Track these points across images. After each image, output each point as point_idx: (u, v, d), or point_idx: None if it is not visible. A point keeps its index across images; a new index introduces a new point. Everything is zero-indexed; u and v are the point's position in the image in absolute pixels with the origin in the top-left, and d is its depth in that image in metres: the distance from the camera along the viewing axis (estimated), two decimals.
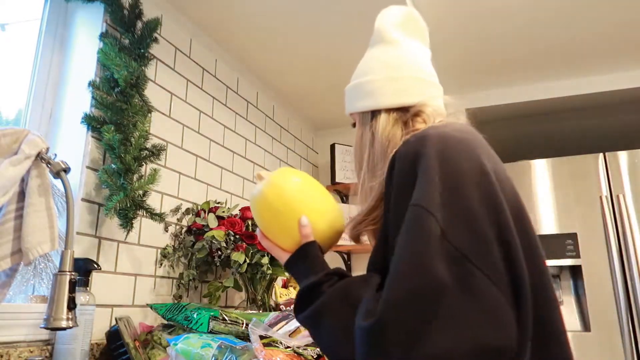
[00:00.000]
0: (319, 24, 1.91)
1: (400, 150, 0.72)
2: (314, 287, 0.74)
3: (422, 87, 0.89)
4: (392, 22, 0.95)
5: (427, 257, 0.60)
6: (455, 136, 0.72)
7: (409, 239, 0.63)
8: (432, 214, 0.62)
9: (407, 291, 0.59)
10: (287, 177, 0.85)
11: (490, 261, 0.62)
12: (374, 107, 0.89)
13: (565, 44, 2.29)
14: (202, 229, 1.66)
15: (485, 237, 0.63)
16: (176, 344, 1.19)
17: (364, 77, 0.93)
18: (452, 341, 0.57)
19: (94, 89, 1.39)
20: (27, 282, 1.14)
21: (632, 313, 2.19)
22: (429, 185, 0.65)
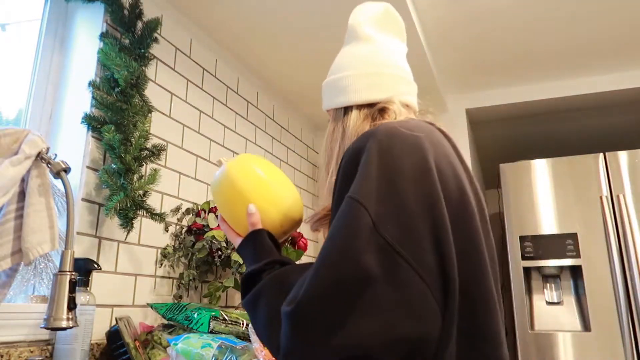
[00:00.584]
0: (320, 24, 1.91)
1: (349, 146, 0.74)
2: (255, 273, 0.76)
3: (393, 83, 0.89)
4: (365, 19, 0.96)
5: (354, 247, 0.61)
6: (403, 133, 0.72)
7: (338, 229, 0.64)
8: (363, 206, 0.63)
9: (331, 280, 0.60)
10: (242, 165, 0.85)
11: (419, 255, 0.62)
12: (346, 104, 0.89)
13: (565, 44, 2.29)
14: (203, 229, 1.66)
15: (416, 231, 0.64)
16: (176, 344, 1.19)
17: (337, 74, 0.93)
18: (369, 330, 0.58)
19: (94, 89, 1.39)
20: (27, 282, 1.13)
21: (632, 313, 2.18)
22: (366, 179, 0.66)
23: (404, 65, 0.93)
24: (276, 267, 0.76)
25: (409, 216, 0.64)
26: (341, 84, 0.92)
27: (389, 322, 0.58)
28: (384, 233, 0.62)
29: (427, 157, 0.70)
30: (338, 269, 0.61)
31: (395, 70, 0.90)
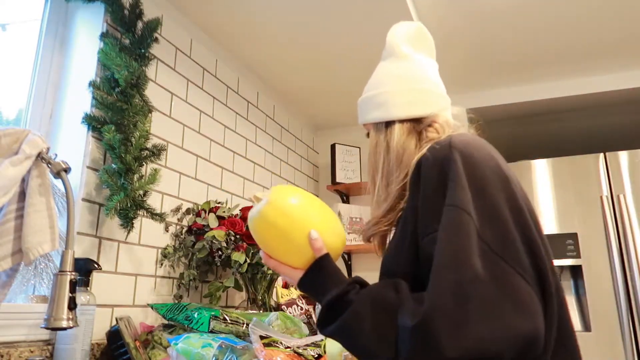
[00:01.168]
0: (320, 24, 1.91)
1: (427, 156, 0.78)
2: (340, 297, 0.75)
3: (432, 98, 0.94)
4: (402, 37, 1.00)
5: (467, 252, 0.66)
6: (476, 144, 0.78)
7: (450, 236, 0.68)
8: (468, 214, 0.68)
9: (452, 283, 0.64)
10: (286, 195, 0.84)
11: (518, 258, 0.67)
12: (387, 118, 0.93)
13: (566, 44, 2.29)
14: (203, 229, 1.66)
15: (511, 235, 0.69)
16: (177, 344, 1.19)
17: (376, 90, 0.97)
18: (490, 330, 0.62)
19: (95, 89, 1.39)
20: (27, 282, 1.13)
21: (633, 313, 2.18)
22: (461, 189, 0.71)
23: (438, 80, 0.99)
24: (357, 287, 0.76)
25: (503, 221, 0.70)
26: (380, 99, 0.96)
27: (506, 321, 0.62)
28: (484, 238, 0.67)
29: (501, 166, 0.77)
30: (456, 274, 0.65)
31: (432, 86, 0.96)
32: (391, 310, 0.69)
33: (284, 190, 0.85)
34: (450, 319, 0.63)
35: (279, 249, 0.83)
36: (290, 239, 0.81)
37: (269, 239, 0.83)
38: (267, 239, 0.84)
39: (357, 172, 2.88)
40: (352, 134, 3.05)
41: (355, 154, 2.91)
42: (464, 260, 0.65)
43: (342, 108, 2.78)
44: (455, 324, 0.62)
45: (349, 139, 3.02)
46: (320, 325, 0.77)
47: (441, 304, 0.64)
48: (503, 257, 0.66)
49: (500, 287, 0.64)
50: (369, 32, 1.96)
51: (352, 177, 2.85)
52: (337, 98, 2.64)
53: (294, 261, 0.83)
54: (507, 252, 0.67)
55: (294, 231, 0.81)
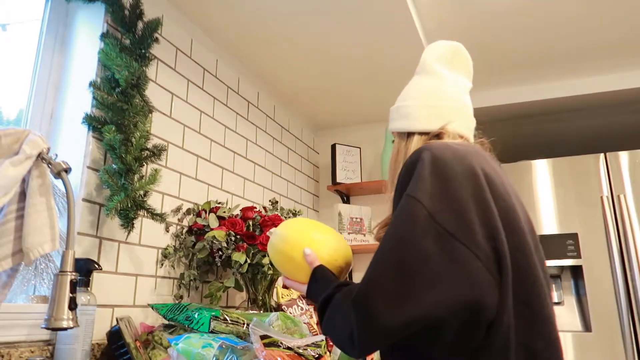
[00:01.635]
0: (320, 24, 1.91)
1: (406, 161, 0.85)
2: (328, 298, 0.83)
3: (451, 115, 1.00)
4: (435, 55, 1.06)
5: (413, 234, 0.72)
6: (453, 146, 0.85)
7: (396, 221, 0.76)
8: (419, 201, 0.74)
9: (392, 262, 0.71)
10: (288, 224, 1.02)
11: (472, 238, 0.73)
12: (409, 129, 1.01)
13: (566, 44, 2.29)
14: (203, 229, 1.66)
15: (470, 220, 0.74)
16: (177, 344, 1.19)
17: (404, 102, 1.04)
18: (432, 299, 0.67)
19: (95, 89, 1.39)
20: (28, 283, 1.13)
21: (633, 313, 2.18)
22: (420, 180, 0.77)
23: (465, 100, 1.05)
24: (343, 288, 0.83)
25: (460, 206, 0.75)
26: (405, 111, 1.03)
27: (449, 290, 0.68)
28: (440, 221, 0.73)
29: (474, 165, 0.82)
30: (399, 253, 0.71)
31: (455, 103, 1.02)
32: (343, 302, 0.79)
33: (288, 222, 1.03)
34: (387, 288, 0.69)
35: (288, 269, 1.00)
36: (292, 260, 0.97)
37: (281, 264, 1.01)
38: (279, 264, 1.01)
39: (357, 172, 2.87)
40: (353, 134, 3.05)
41: (356, 154, 2.91)
42: (408, 242, 0.71)
43: (342, 108, 2.78)
44: (394, 292, 0.69)
45: (349, 139, 3.02)
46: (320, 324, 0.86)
47: (377, 277, 0.71)
48: (455, 236, 0.72)
49: (448, 259, 0.70)
50: (370, 32, 1.96)
51: (352, 177, 2.85)
52: (338, 98, 2.64)
53: (301, 277, 0.97)
54: (461, 231, 0.72)
55: (292, 252, 0.97)
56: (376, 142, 2.98)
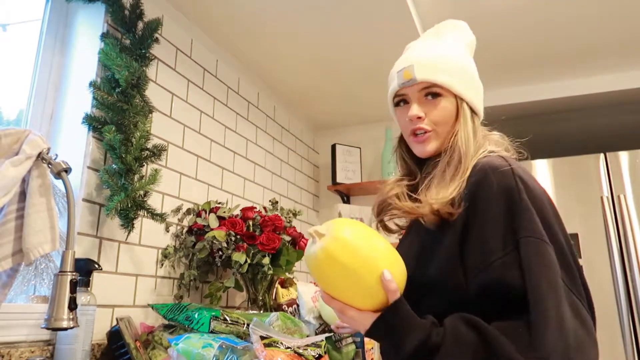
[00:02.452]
0: (321, 24, 1.91)
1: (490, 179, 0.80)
2: (425, 343, 0.72)
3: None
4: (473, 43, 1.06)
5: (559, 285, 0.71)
6: (527, 172, 0.84)
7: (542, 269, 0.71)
8: (549, 245, 0.73)
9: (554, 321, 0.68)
10: (352, 231, 0.77)
11: (579, 290, 0.75)
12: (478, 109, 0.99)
13: (566, 45, 2.29)
14: (203, 229, 1.66)
15: (572, 266, 0.75)
16: (177, 344, 1.19)
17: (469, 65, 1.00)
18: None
19: (95, 89, 1.39)
20: (28, 283, 1.13)
21: (633, 313, 2.18)
22: (535, 220, 0.75)
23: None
24: (437, 329, 0.73)
25: (564, 253, 0.75)
26: (477, 83, 0.98)
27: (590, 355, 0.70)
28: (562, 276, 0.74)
29: (545, 191, 0.82)
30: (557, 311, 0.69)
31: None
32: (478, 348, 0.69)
33: (348, 226, 0.78)
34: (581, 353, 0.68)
35: (347, 290, 0.76)
36: (361, 280, 0.74)
37: (335, 279, 0.76)
38: (332, 279, 0.77)
39: (357, 173, 2.88)
40: (353, 134, 3.05)
41: (356, 154, 2.91)
42: (559, 295, 0.69)
43: (342, 108, 2.78)
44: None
45: (349, 139, 3.02)
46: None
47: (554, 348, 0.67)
48: (572, 290, 0.72)
49: (580, 323, 0.70)
50: (370, 32, 1.96)
51: (352, 177, 2.85)
52: (338, 98, 2.64)
53: (362, 303, 0.76)
54: (573, 284, 0.73)
55: (364, 271, 0.74)
56: (376, 142, 2.98)
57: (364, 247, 0.75)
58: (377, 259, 0.75)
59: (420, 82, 0.92)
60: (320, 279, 0.78)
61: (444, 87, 0.92)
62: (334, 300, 0.78)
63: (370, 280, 0.74)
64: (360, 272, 0.74)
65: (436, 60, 0.94)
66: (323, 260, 0.75)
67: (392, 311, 0.74)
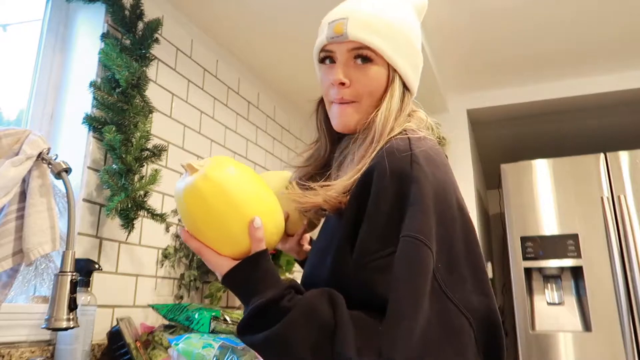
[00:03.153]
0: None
1: (383, 165, 0.69)
2: (275, 302, 0.64)
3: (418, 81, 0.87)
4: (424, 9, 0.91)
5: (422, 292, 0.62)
6: (437, 158, 0.72)
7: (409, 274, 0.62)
8: (429, 248, 0.63)
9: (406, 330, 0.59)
10: (228, 172, 0.70)
11: (465, 297, 0.65)
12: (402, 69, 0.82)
13: (566, 45, 2.29)
14: None
15: (462, 272, 0.67)
16: (177, 344, 1.19)
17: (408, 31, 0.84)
18: None
19: (95, 89, 1.39)
20: (28, 283, 1.14)
21: (633, 313, 2.18)
22: (423, 215, 0.65)
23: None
24: (292, 292, 0.66)
25: (455, 256, 0.67)
26: (416, 55, 0.83)
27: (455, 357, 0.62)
28: (437, 275, 0.64)
29: (458, 193, 0.73)
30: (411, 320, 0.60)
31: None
32: (327, 328, 0.62)
33: (225, 164, 0.71)
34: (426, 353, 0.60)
35: (209, 231, 0.70)
36: (226, 224, 0.68)
37: (199, 218, 0.69)
38: (196, 218, 0.69)
39: None
40: None
41: None
42: (419, 302, 0.61)
43: None
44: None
45: None
46: (242, 331, 0.66)
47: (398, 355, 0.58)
48: (450, 297, 0.64)
49: (444, 330, 0.62)
50: None
51: None
52: None
53: (223, 248, 0.70)
54: (456, 290, 0.65)
55: (232, 215, 0.68)
56: None
57: (236, 191, 0.68)
58: (248, 206, 0.69)
59: (350, 41, 0.78)
60: (184, 216, 0.71)
61: (377, 51, 0.78)
62: (192, 239, 0.71)
63: (236, 228, 0.68)
64: (226, 217, 0.68)
65: (374, 18, 0.79)
66: (188, 197, 0.68)
67: (251, 262, 0.68)
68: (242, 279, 0.68)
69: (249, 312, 0.65)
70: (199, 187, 0.68)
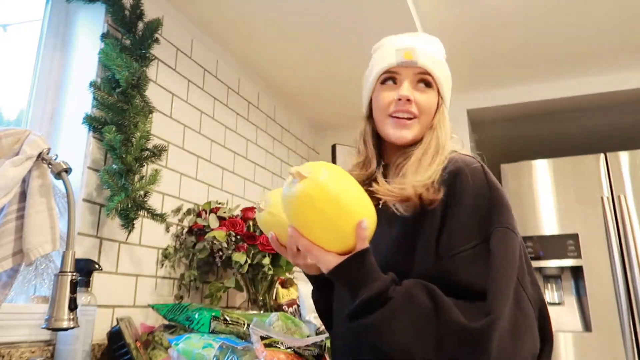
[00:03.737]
0: (321, 25, 1.91)
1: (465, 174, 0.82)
2: (381, 294, 0.73)
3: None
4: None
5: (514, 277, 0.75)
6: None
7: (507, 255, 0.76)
8: (517, 235, 0.79)
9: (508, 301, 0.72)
10: (335, 179, 0.77)
11: (527, 285, 0.78)
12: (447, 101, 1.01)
13: (566, 45, 2.29)
14: (203, 230, 1.66)
15: (522, 263, 0.79)
16: (177, 344, 1.19)
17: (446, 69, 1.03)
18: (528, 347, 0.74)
19: (95, 89, 1.39)
20: (28, 283, 1.13)
21: (633, 313, 2.18)
22: (507, 212, 0.80)
23: None
24: (394, 285, 0.75)
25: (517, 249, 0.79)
26: (450, 81, 1.01)
27: (529, 345, 0.74)
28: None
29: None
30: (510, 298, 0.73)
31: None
32: (428, 309, 0.72)
33: (330, 171, 0.77)
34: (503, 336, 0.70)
35: (319, 232, 0.77)
36: (336, 227, 0.75)
37: (309, 221, 0.76)
38: (306, 221, 0.77)
39: None
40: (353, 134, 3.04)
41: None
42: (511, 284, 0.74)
43: (343, 109, 2.78)
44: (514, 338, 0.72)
45: (349, 140, 3.00)
46: (352, 316, 0.75)
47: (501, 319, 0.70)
48: (522, 285, 0.76)
49: (522, 315, 0.74)
50: (370, 32, 1.96)
51: None
52: (338, 98, 2.63)
53: (330, 245, 0.77)
54: (523, 280, 0.77)
55: (341, 220, 0.75)
56: None
57: (343, 196, 0.75)
58: (355, 209, 0.76)
59: (419, 67, 0.93)
60: (293, 218, 0.78)
61: (436, 80, 0.95)
62: (302, 238, 0.77)
63: (346, 228, 0.75)
64: (337, 219, 0.75)
65: (435, 53, 0.96)
66: (302, 202, 0.75)
67: (359, 258, 0.75)
68: (351, 273, 0.76)
69: (361, 301, 0.74)
70: (311, 194, 0.75)
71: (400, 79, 0.94)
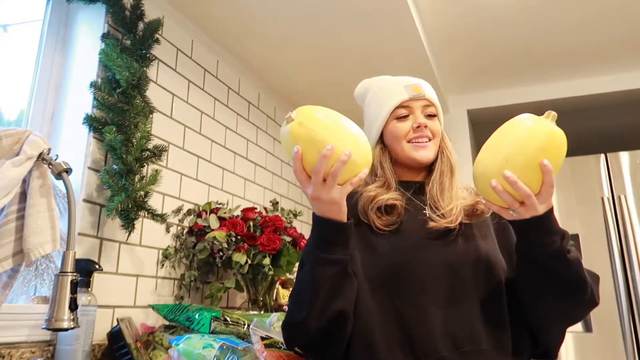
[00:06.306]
0: (321, 24, 1.91)
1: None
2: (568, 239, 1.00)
3: None
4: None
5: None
6: None
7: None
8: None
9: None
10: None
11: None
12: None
13: (566, 45, 2.29)
14: (204, 230, 1.66)
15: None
16: (178, 345, 1.19)
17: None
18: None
19: (96, 89, 1.39)
20: (28, 283, 1.14)
21: (634, 313, 2.18)
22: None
23: None
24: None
25: None
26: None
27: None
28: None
29: None
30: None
31: None
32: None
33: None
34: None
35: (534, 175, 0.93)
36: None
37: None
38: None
39: None
40: None
41: None
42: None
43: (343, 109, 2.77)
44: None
45: None
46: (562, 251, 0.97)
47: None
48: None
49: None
50: (371, 32, 1.96)
51: None
52: (339, 99, 2.63)
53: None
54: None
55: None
56: None
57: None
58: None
59: (426, 99, 1.08)
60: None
61: (437, 112, 1.11)
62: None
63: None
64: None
65: (432, 91, 1.13)
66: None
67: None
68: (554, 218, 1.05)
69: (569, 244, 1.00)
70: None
71: (412, 111, 1.08)
